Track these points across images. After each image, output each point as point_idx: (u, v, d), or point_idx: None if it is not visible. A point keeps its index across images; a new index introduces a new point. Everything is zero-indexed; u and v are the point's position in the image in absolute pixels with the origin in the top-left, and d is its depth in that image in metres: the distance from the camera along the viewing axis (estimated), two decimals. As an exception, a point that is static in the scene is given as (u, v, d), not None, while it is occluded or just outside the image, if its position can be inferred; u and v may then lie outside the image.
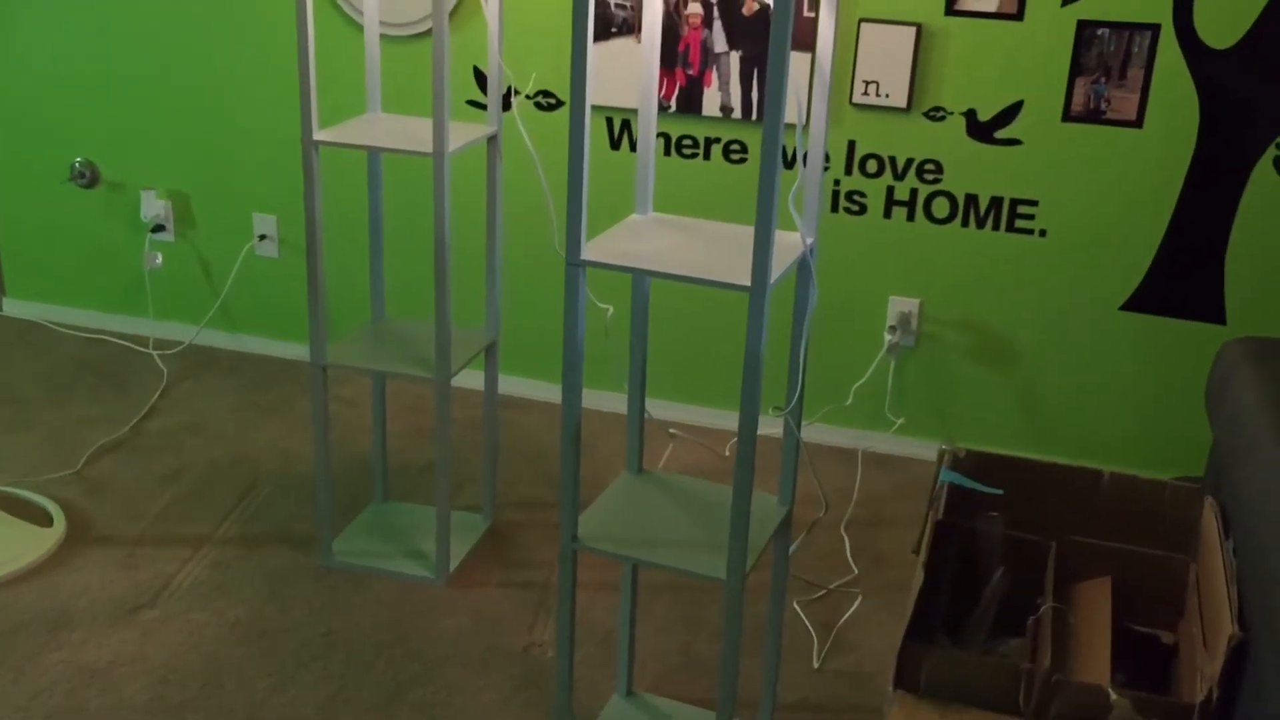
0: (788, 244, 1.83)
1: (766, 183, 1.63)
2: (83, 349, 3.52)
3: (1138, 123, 2.73)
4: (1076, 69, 2.73)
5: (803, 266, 1.86)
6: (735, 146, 3.00)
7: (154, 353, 3.48)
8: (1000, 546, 2.09)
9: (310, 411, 3.16)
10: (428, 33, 3.07)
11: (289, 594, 2.47)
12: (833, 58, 1.83)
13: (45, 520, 2.65)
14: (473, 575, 2.56)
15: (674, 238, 1.89)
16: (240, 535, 2.66)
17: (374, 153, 2.51)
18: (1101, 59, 2.70)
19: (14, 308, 3.72)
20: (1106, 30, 2.68)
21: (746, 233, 1.85)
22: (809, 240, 1.87)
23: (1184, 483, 2.23)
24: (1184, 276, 2.81)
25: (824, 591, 2.55)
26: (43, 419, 3.11)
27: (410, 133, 2.40)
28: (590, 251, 1.79)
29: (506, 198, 2.88)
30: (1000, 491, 2.12)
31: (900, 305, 3.01)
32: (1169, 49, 2.66)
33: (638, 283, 1.96)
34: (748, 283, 1.69)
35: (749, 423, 1.73)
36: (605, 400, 3.10)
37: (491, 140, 2.51)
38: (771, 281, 1.68)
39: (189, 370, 3.41)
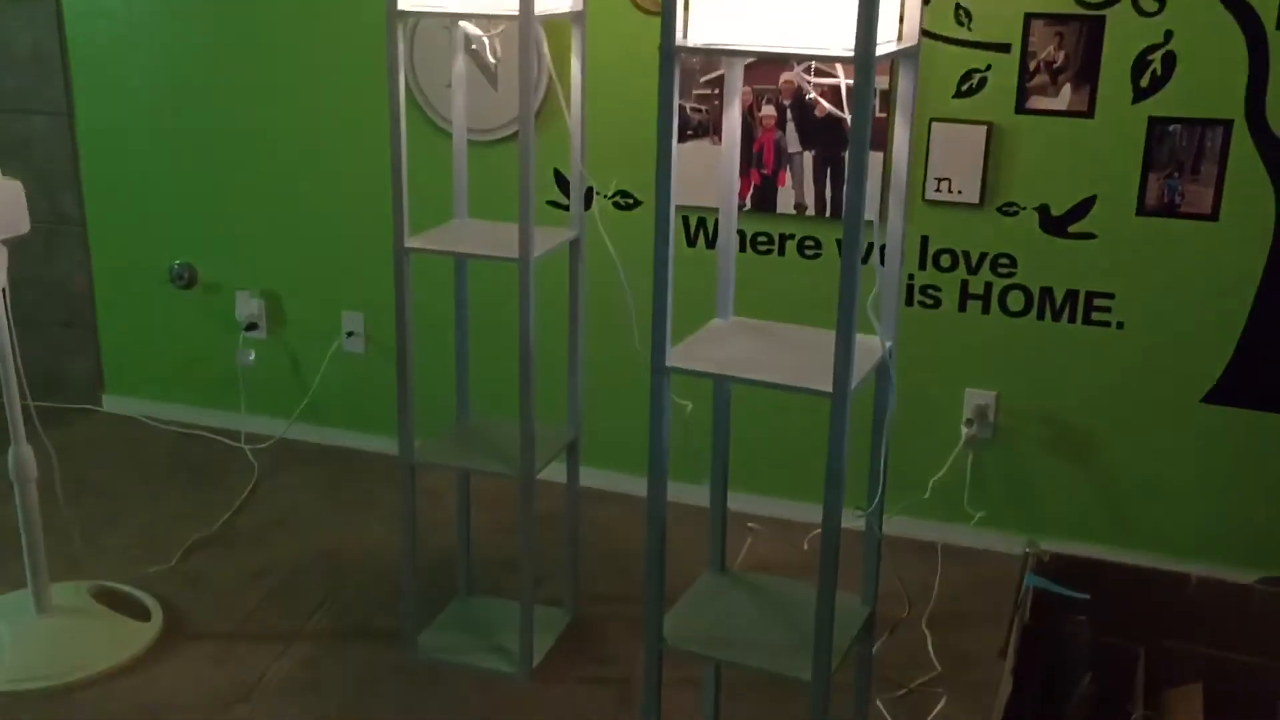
0: (867, 348, 1.87)
1: (847, 294, 1.68)
2: (178, 444, 3.64)
3: (1213, 216, 2.74)
4: (1149, 164, 2.75)
5: (882, 370, 1.90)
6: (809, 242, 3.06)
7: (245, 447, 3.59)
8: (1087, 652, 2.07)
9: (394, 504, 3.23)
10: (510, 137, 3.18)
11: (377, 690, 2.52)
12: (908, 162, 1.88)
13: (143, 615, 2.74)
14: (556, 670, 2.59)
15: (755, 343, 1.94)
16: (329, 629, 2.72)
17: (462, 259, 2.61)
18: (1174, 154, 2.73)
19: (113, 404, 3.86)
20: (1178, 126, 2.71)
21: (826, 337, 1.89)
22: (887, 344, 1.91)
23: (1272, 586, 2.20)
24: (1266, 369, 2.79)
25: (907, 690, 2.54)
26: (140, 513, 3.22)
27: (497, 238, 2.49)
28: (675, 358, 1.85)
29: (587, 296, 2.95)
30: (1086, 596, 2.11)
31: (977, 398, 3.02)
32: (1242, 143, 2.67)
33: (719, 387, 2.00)
34: (829, 388, 1.72)
35: (832, 531, 1.76)
36: (683, 491, 3.12)
37: (574, 243, 2.59)
38: (852, 388, 1.72)
39: (279, 464, 3.51)
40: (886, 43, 1.72)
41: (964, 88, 2.83)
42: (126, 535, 3.11)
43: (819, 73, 2.41)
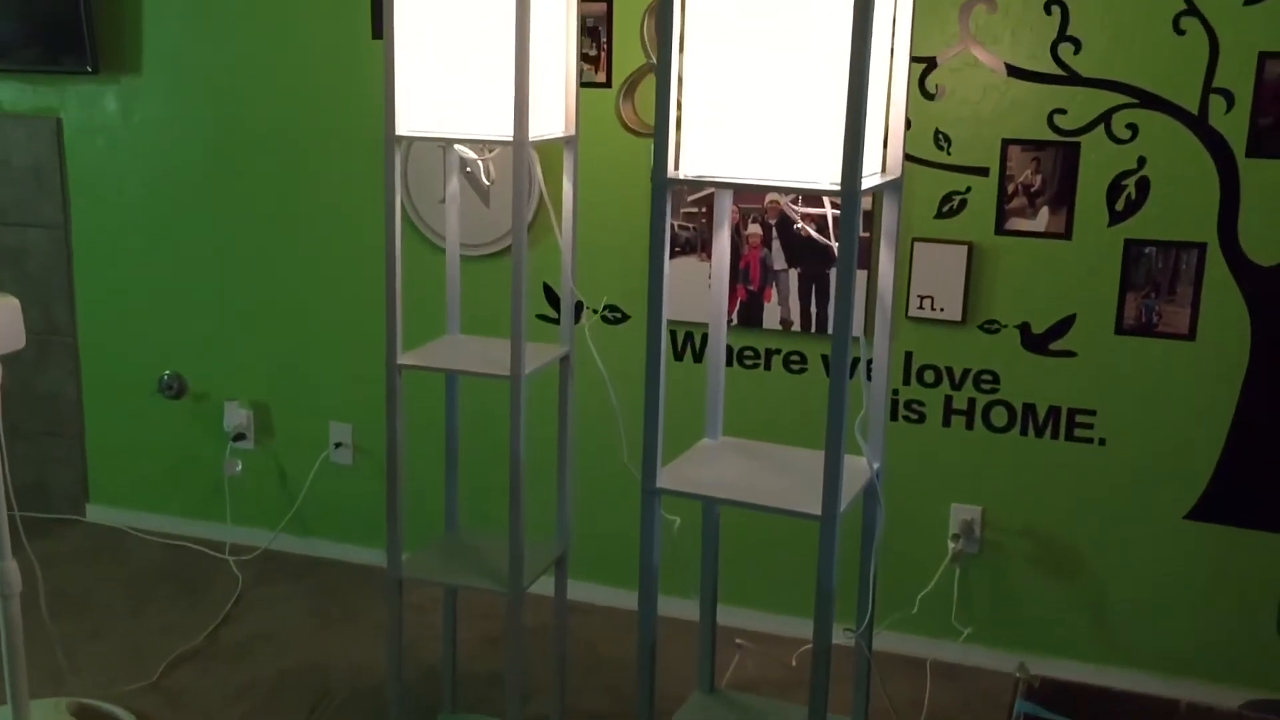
0: (855, 468, 1.90)
1: (835, 420, 1.71)
2: (161, 555, 3.62)
3: (1190, 335, 2.80)
4: (1126, 284, 2.82)
5: (870, 492, 1.92)
6: (795, 357, 3.10)
7: (230, 558, 3.57)
8: (1078, 773, 2.06)
9: (381, 618, 3.21)
10: (502, 251, 3.24)
11: (360, 811, 2.48)
12: (893, 285, 1.93)
13: (123, 732, 2.70)
14: (542, 791, 2.56)
15: (744, 463, 1.97)
16: (312, 748, 2.68)
17: (453, 375, 2.64)
18: (1150, 275, 2.80)
19: (98, 514, 3.85)
20: (1153, 249, 2.79)
21: (814, 457, 1.92)
22: (875, 465, 1.94)
23: (1262, 713, 2.20)
24: (1247, 486, 2.83)
25: (897, 811, 2.51)
26: (122, 627, 3.19)
27: (488, 355, 2.52)
28: (666, 479, 1.87)
29: (576, 409, 2.98)
30: None
31: (963, 513, 3.04)
32: (1216, 265, 2.75)
33: (709, 508, 2.02)
34: (818, 511, 1.75)
35: (823, 655, 1.76)
36: (670, 605, 3.13)
37: (564, 360, 2.62)
38: (841, 510, 1.74)
39: (263, 576, 3.49)
40: (871, 175, 1.78)
41: (945, 209, 2.91)
42: (109, 649, 3.08)
43: (805, 199, 2.48)
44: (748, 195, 3.02)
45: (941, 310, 2.96)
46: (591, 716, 2.83)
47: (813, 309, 3.06)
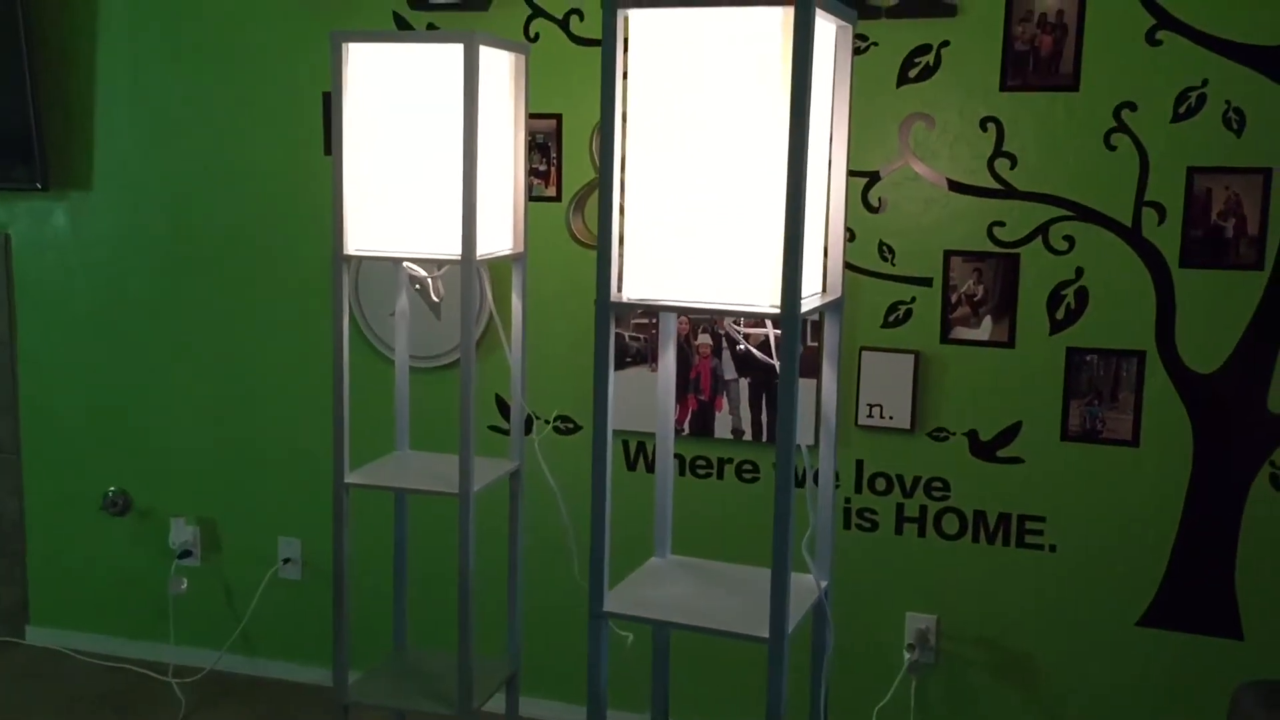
0: (803, 587, 1.89)
1: (780, 544, 1.71)
2: (101, 679, 3.52)
3: (1134, 442, 2.83)
4: (1070, 391, 2.86)
5: (818, 611, 1.91)
6: (747, 466, 3.11)
7: (173, 680, 3.48)
8: None
9: (328, 741, 3.13)
10: (453, 364, 3.24)
11: None
12: (837, 399, 1.94)
13: None
14: None
15: (693, 584, 1.95)
16: None
17: (402, 493, 2.61)
18: (1092, 383, 2.84)
19: (37, 635, 3.74)
20: (1095, 356, 2.83)
21: (764, 576, 1.91)
22: (823, 584, 1.93)
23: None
24: (1195, 592, 2.84)
25: None
26: (58, 755, 3.09)
27: (437, 471, 2.51)
28: (613, 602, 1.85)
29: (527, 521, 2.96)
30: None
31: (917, 622, 3.03)
32: (1156, 373, 2.80)
33: (659, 629, 2.00)
34: (765, 634, 1.73)
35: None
36: (624, 719, 3.08)
37: (514, 475, 2.61)
38: (789, 632, 1.73)
39: (206, 699, 3.39)
40: (812, 295, 1.81)
41: (890, 318, 2.95)
42: (43, 780, 2.97)
43: (749, 321, 2.50)
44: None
45: (891, 418, 2.98)
46: (545, 841, 2.76)
47: (764, 418, 3.07)
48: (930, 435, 2.97)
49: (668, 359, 2.00)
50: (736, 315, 1.72)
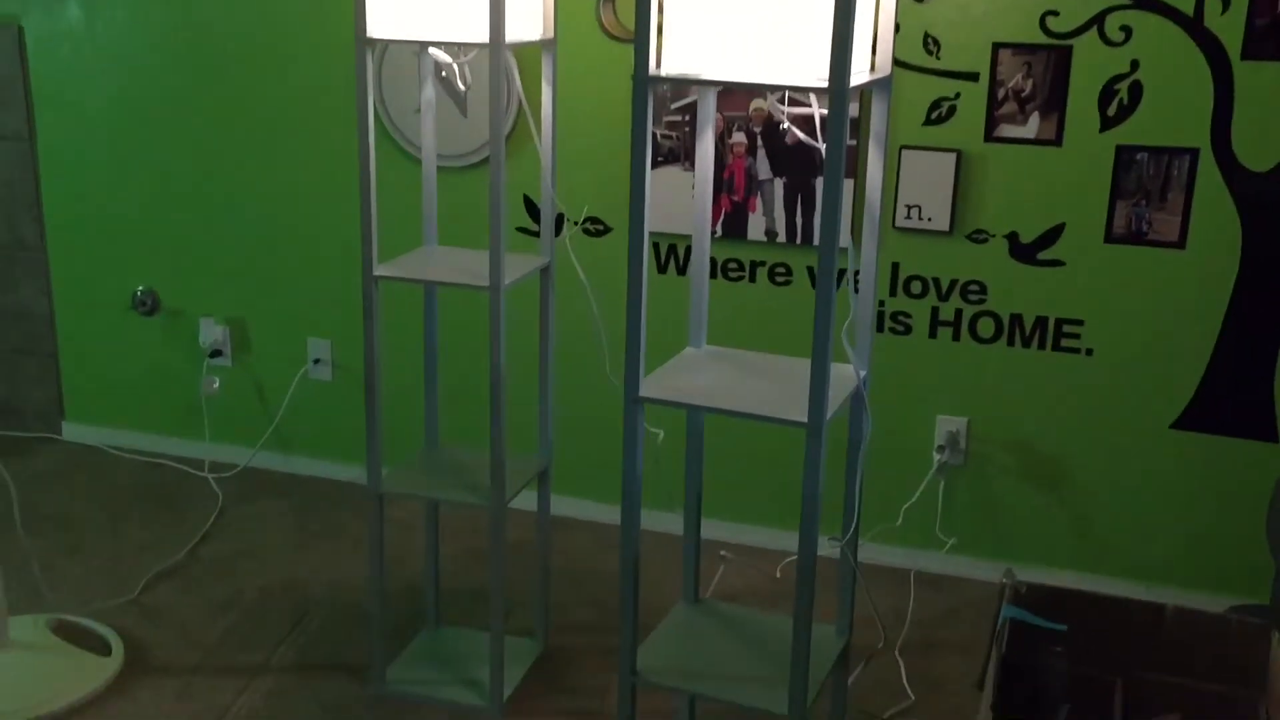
0: (841, 376, 1.86)
1: (822, 324, 1.67)
2: (139, 473, 3.58)
3: (1180, 244, 2.76)
4: (1117, 192, 2.77)
5: (856, 399, 1.89)
6: (780, 269, 3.05)
7: (209, 476, 3.54)
8: (1065, 682, 2.07)
9: (361, 534, 3.19)
10: (480, 163, 3.17)
11: (344, 724, 2.47)
12: (881, 190, 1.87)
13: (104, 649, 2.68)
14: (527, 703, 2.56)
15: (729, 372, 1.93)
16: (294, 663, 2.67)
17: (431, 286, 2.58)
18: (1141, 182, 2.75)
19: (74, 432, 3.80)
20: (1145, 155, 2.73)
21: (800, 365, 1.88)
22: (862, 373, 1.90)
23: (1248, 616, 2.20)
24: (1234, 395, 2.81)
25: None
26: (100, 544, 3.16)
27: (466, 266, 2.46)
28: (648, 388, 1.83)
29: (557, 322, 2.94)
30: (1064, 628, 2.11)
31: (948, 424, 3.02)
32: (1208, 172, 2.70)
33: (693, 417, 1.99)
34: (804, 419, 1.71)
35: (808, 565, 1.74)
36: (654, 519, 3.11)
37: (545, 271, 2.57)
38: (828, 418, 1.71)
39: (243, 493, 3.46)
40: (860, 73, 1.72)
41: (933, 115, 2.84)
42: (87, 566, 3.05)
43: (791, 101, 2.41)
44: (732, 102, 2.95)
45: (929, 220, 2.91)
46: (577, 629, 2.83)
47: (798, 220, 3.00)
48: (969, 237, 2.90)
49: (706, 145, 1.93)
50: (781, 90, 1.64)
